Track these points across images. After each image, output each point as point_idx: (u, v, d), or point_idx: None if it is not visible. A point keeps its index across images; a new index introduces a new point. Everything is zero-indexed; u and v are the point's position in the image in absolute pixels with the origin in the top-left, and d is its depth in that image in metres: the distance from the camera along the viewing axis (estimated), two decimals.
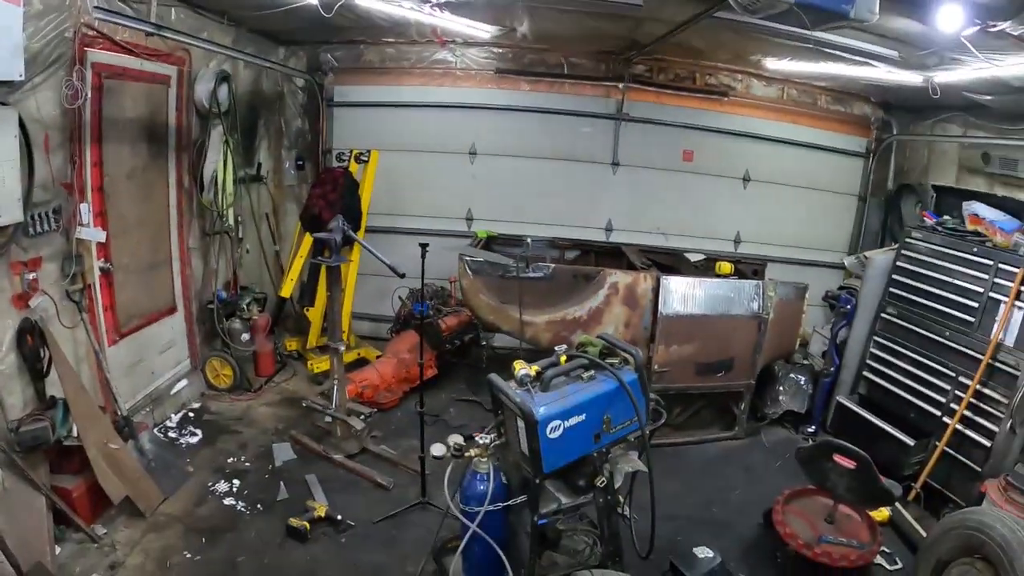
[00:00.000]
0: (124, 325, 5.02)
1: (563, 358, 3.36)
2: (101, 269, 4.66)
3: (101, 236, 4.48)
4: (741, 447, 5.60)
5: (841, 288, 6.45)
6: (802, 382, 6.12)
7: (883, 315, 5.57)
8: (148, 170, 5.20)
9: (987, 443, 4.65)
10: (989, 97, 5.13)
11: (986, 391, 4.70)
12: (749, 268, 6.13)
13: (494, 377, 3.31)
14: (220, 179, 5.79)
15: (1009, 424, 4.52)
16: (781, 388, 6.06)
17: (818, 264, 7.41)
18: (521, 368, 3.20)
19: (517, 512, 3.41)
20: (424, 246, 4.41)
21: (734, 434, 5.69)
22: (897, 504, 4.69)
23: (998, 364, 4.64)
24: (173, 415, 5.59)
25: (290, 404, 6.00)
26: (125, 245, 4.91)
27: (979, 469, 4.64)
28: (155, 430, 5.23)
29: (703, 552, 3.97)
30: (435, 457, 3.39)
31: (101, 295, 4.71)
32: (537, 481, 3.14)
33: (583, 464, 3.36)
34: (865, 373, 5.71)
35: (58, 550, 3.88)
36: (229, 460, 5.15)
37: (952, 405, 4.89)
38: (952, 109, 6.05)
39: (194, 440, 5.36)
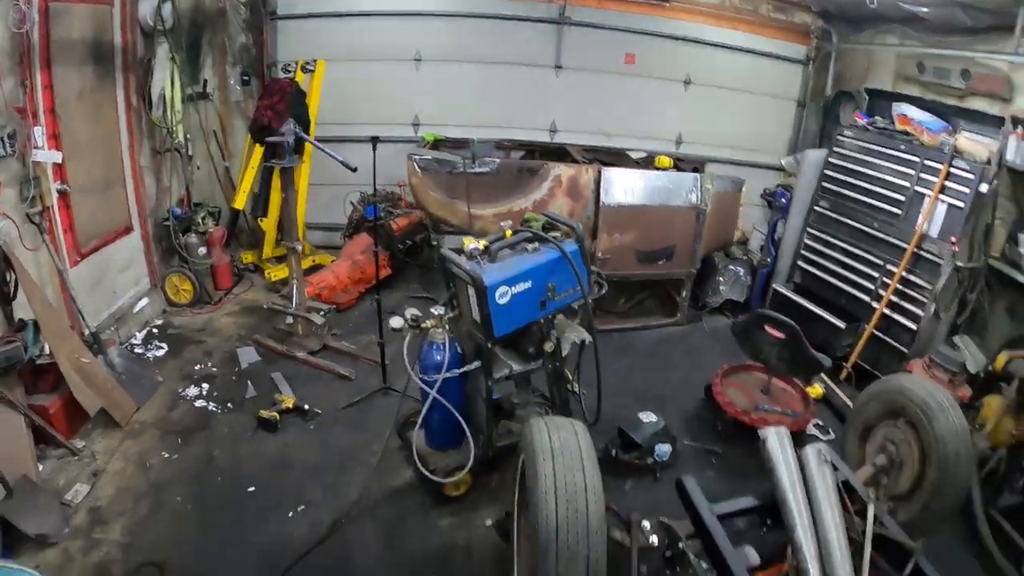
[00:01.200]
0: (84, 245, 5.15)
1: (508, 232, 3.69)
2: (58, 191, 4.73)
3: (57, 157, 4.58)
4: (683, 333, 6.04)
5: (779, 187, 6.85)
6: (741, 274, 6.58)
7: (816, 208, 6.00)
8: (97, 91, 5.26)
9: (913, 326, 5.17)
10: (925, 9, 5.45)
11: (912, 278, 5.20)
12: (689, 166, 6.45)
13: (445, 250, 3.63)
14: (168, 96, 5.89)
15: (933, 309, 5.03)
16: (721, 279, 6.50)
17: (758, 165, 7.75)
18: (471, 243, 3.53)
19: (473, 380, 3.78)
20: (375, 139, 4.59)
21: (676, 320, 6.12)
22: (829, 381, 5.19)
23: (922, 253, 5.12)
24: (137, 332, 5.79)
25: (250, 312, 6.25)
26: (79, 166, 5.00)
27: (905, 350, 5.16)
28: (121, 347, 5.40)
29: (647, 417, 4.39)
30: (393, 329, 3.72)
31: (60, 217, 4.81)
32: (489, 346, 3.50)
33: (531, 332, 3.73)
34: (800, 263, 6.17)
35: (40, 468, 4.08)
36: (196, 367, 5.40)
37: (880, 291, 5.38)
38: (890, 20, 6.36)
39: (160, 353, 5.59)
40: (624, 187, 5.65)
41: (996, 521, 3.85)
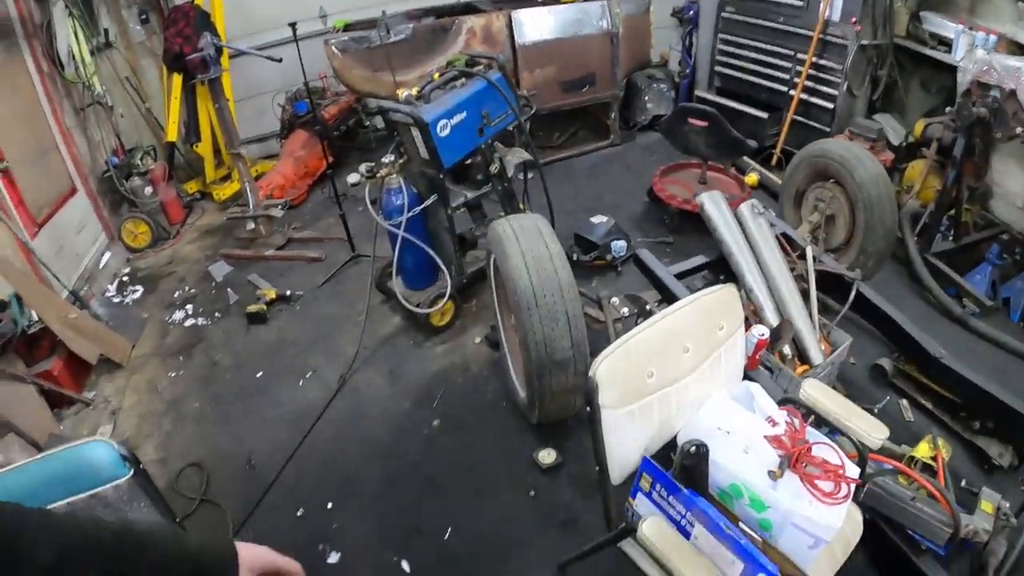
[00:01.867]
0: (38, 216, 5.20)
1: (436, 75, 3.95)
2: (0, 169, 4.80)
3: None
4: (619, 151, 6.38)
5: (687, 1, 7.05)
6: (664, 89, 6.90)
7: (723, 15, 6.20)
8: (7, 65, 5.21)
9: (830, 106, 5.52)
10: None
11: (822, 62, 5.48)
12: None
13: (383, 102, 3.89)
14: (76, 52, 5.85)
15: (846, 86, 5.36)
16: (647, 97, 6.82)
17: None
18: (404, 92, 3.80)
19: (434, 217, 4.08)
20: (293, 24, 4.68)
21: (611, 141, 6.46)
22: (762, 168, 5.56)
23: (828, 38, 5.39)
24: (109, 285, 5.89)
25: (210, 234, 6.41)
26: (11, 143, 5.00)
27: (827, 129, 5.52)
28: (101, 298, 5.63)
29: (598, 219, 4.77)
30: (352, 184, 3.99)
31: (8, 193, 4.84)
32: (441, 177, 3.80)
33: (476, 160, 4.03)
34: (717, 68, 6.44)
35: (61, 428, 4.26)
36: (175, 295, 5.58)
37: (795, 80, 5.66)
38: None
39: (137, 295, 5.72)
40: (536, 25, 5.86)
41: (933, 264, 4.36)
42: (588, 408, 1.81)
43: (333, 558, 3.10)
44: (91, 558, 0.99)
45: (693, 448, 1.72)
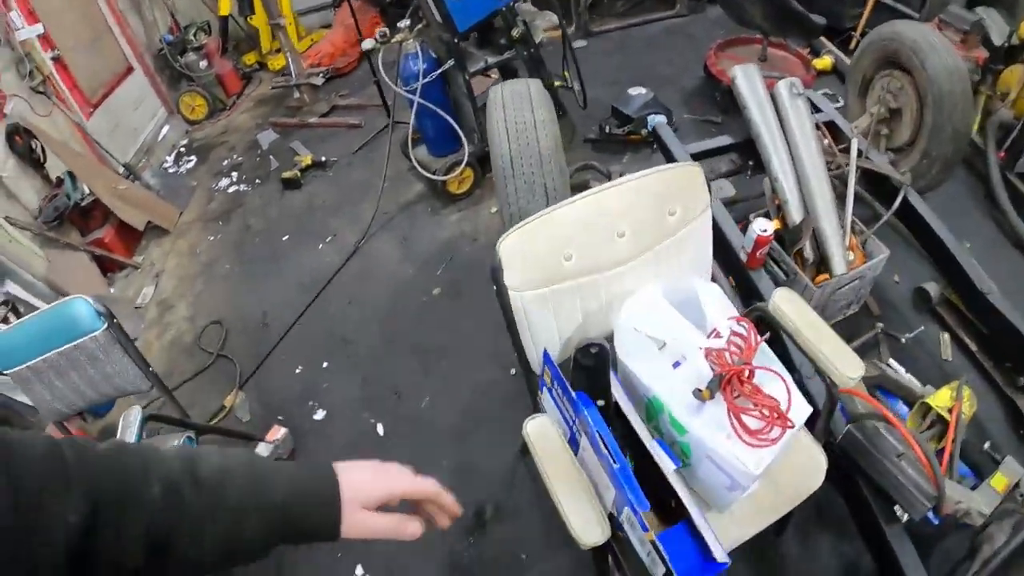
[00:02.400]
0: (92, 97, 5.30)
1: None
2: (52, 58, 4.84)
3: (39, 29, 4.64)
4: (684, 23, 5.78)
5: None
6: None
7: None
8: None
9: None
10: None
11: None
12: None
13: None
14: None
15: None
16: None
17: None
18: None
19: (453, 81, 3.81)
20: None
21: (676, 11, 5.82)
22: (839, 52, 4.87)
23: None
24: (167, 157, 5.99)
25: (263, 104, 6.33)
26: (63, 29, 5.01)
27: (916, 15, 4.74)
28: (155, 169, 5.75)
29: (636, 90, 4.33)
30: (366, 50, 3.74)
31: (62, 80, 4.94)
32: (456, 41, 3.51)
33: (498, 26, 3.70)
34: None
35: (112, 290, 4.56)
36: (224, 163, 5.63)
37: None
38: None
39: (190, 164, 5.81)
40: None
41: (1014, 185, 3.57)
42: (495, 288, 1.60)
43: (319, 415, 3.27)
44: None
45: (594, 349, 1.47)
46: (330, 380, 3.43)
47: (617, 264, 1.67)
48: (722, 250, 2.69)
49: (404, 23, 3.62)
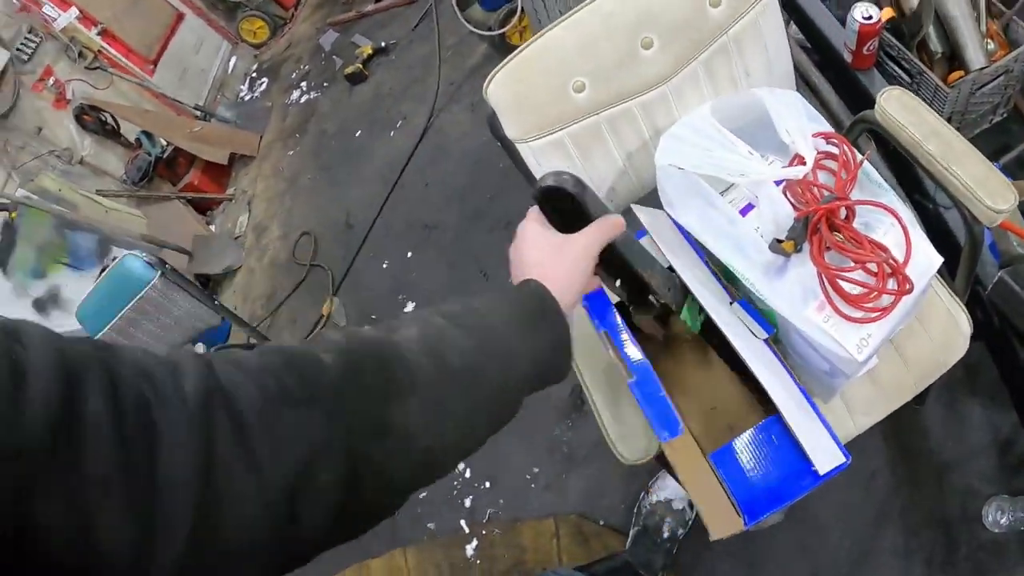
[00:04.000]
0: (150, 55, 5.21)
1: None
2: (97, 33, 4.80)
3: (74, 12, 4.60)
4: None
5: None
6: None
7: None
8: None
9: None
10: None
11: None
12: None
13: None
14: None
15: None
16: None
17: None
18: None
19: None
20: None
21: None
22: None
23: None
24: (241, 86, 5.92)
25: (320, 8, 5.92)
26: (99, 4, 4.90)
27: None
28: (226, 101, 5.71)
29: None
30: None
31: (114, 49, 4.90)
32: None
33: None
34: None
35: (213, 228, 4.71)
36: (292, 76, 5.42)
37: None
38: None
39: (264, 86, 5.69)
40: None
41: None
42: (501, 144, 1.25)
43: (409, 307, 3.20)
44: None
45: (555, 182, 0.85)
46: (417, 270, 3.30)
47: (648, 85, 1.20)
48: (821, 49, 2.10)
49: None
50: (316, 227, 3.93)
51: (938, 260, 1.00)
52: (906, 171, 1.59)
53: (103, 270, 3.66)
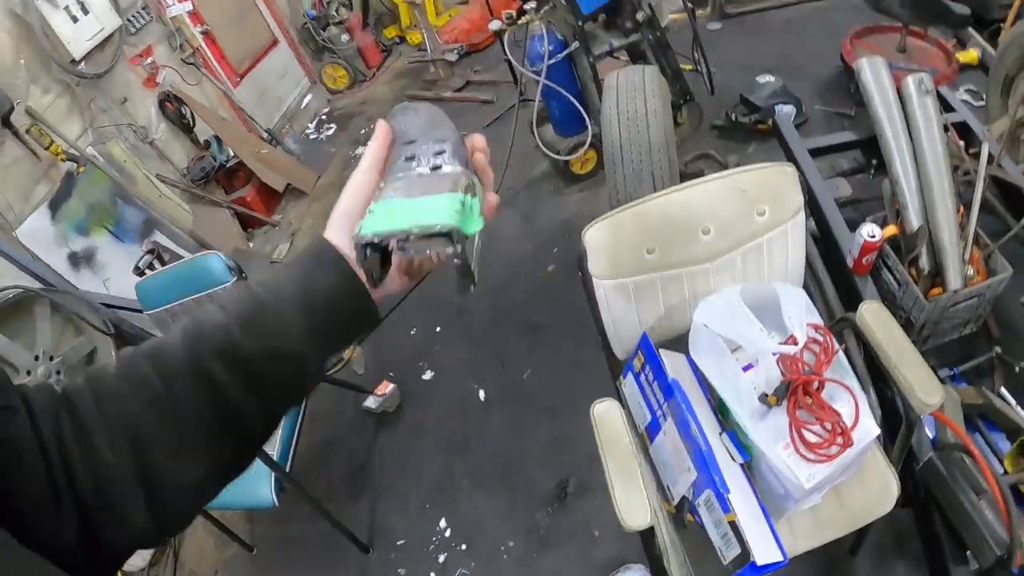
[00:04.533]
0: (239, 68, 5.68)
1: None
2: (201, 32, 5.21)
3: (188, 6, 5.00)
4: (825, 7, 5.41)
5: None
6: None
7: None
8: None
9: None
10: None
11: None
12: None
13: None
14: None
15: None
16: None
17: None
18: None
19: (579, 63, 3.79)
20: None
21: None
22: (987, 45, 4.45)
23: None
24: (310, 124, 6.37)
25: (402, 77, 6.54)
26: (211, 5, 5.36)
27: None
28: (296, 135, 6.10)
29: (764, 78, 4.15)
30: (494, 31, 3.79)
31: (210, 52, 5.34)
32: (580, 23, 3.49)
33: (624, 7, 3.65)
34: None
35: (251, 244, 4.94)
36: (362, 132, 5.91)
37: None
38: None
39: (331, 132, 6.16)
40: None
41: None
42: (580, 274, 1.61)
43: (427, 375, 3.46)
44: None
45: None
46: (442, 344, 3.58)
47: (699, 261, 1.65)
48: (831, 251, 2.58)
49: (530, 5, 3.62)
50: None
51: (875, 431, 1.44)
52: (873, 362, 2.01)
53: (147, 252, 3.82)
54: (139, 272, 3.75)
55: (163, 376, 0.65)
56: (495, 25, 3.71)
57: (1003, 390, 2.50)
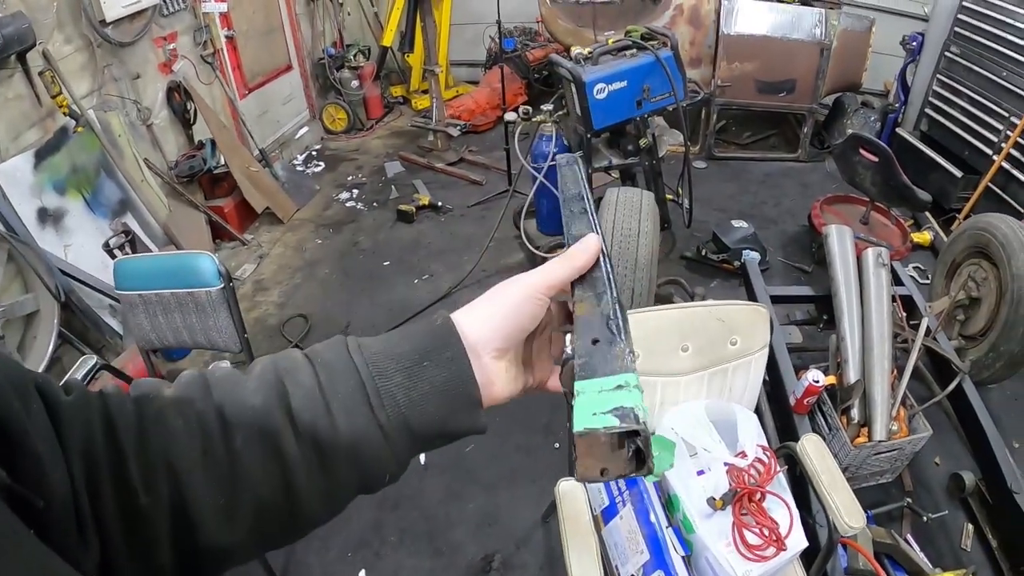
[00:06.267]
0: (251, 81, 5.91)
1: (611, 40, 3.96)
2: (226, 36, 5.44)
3: (223, 7, 5.24)
4: (802, 168, 6.01)
5: (915, 33, 6.44)
6: (871, 119, 6.38)
7: (947, 54, 5.51)
8: None
9: None
10: None
11: None
12: (823, 6, 6.25)
13: (554, 55, 3.97)
14: None
15: None
16: (848, 121, 6.36)
17: (904, 14, 7.13)
18: (576, 49, 3.85)
19: None
20: None
21: (797, 156, 6.07)
22: (940, 231, 4.98)
23: None
24: (299, 155, 6.59)
25: (398, 136, 6.87)
26: (243, 14, 5.65)
27: (1021, 209, 4.84)
28: (285, 163, 6.25)
29: (739, 223, 4.56)
30: (507, 122, 4.13)
31: (229, 57, 5.55)
32: (589, 136, 3.85)
33: (629, 131, 4.03)
34: (927, 110, 5.73)
35: (216, 255, 4.89)
36: (348, 178, 6.15)
37: (1002, 144, 4.86)
38: None
39: (318, 169, 6.38)
40: (745, 16, 5.59)
41: None
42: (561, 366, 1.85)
43: None
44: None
45: None
46: None
47: (675, 374, 1.92)
48: (775, 388, 2.90)
49: (547, 107, 3.98)
50: (314, 316, 4.33)
51: (804, 543, 1.71)
52: (802, 488, 2.29)
53: (122, 231, 3.84)
54: (108, 250, 3.79)
55: (225, 421, 0.60)
56: (511, 116, 4.04)
57: (910, 536, 2.83)
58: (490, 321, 0.68)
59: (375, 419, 0.62)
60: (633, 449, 0.57)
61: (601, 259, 0.72)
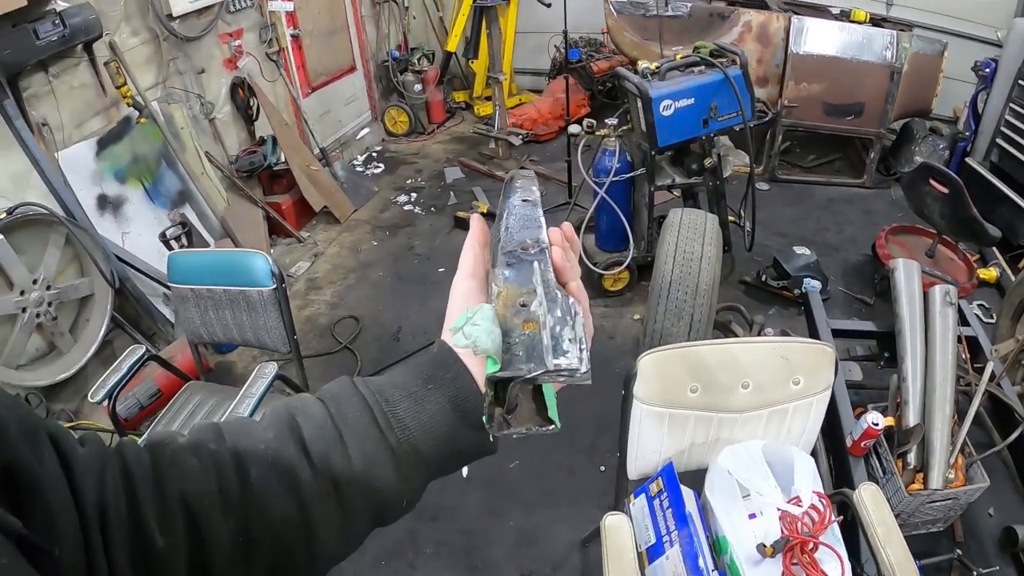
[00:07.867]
0: (314, 80, 5.97)
1: (679, 56, 3.89)
2: (291, 35, 5.50)
3: (289, 7, 5.30)
4: (866, 195, 5.83)
5: (988, 58, 6.20)
6: (940, 146, 6.16)
7: (1021, 82, 5.30)
8: None
9: None
10: None
11: None
12: (894, 28, 6.05)
13: (620, 69, 3.91)
14: None
15: None
16: (916, 148, 6.16)
17: (976, 38, 6.77)
18: (643, 63, 3.79)
19: (639, 187, 4.06)
20: None
21: (862, 182, 5.89)
22: (1007, 268, 4.77)
23: None
24: (359, 156, 6.66)
25: (459, 141, 6.89)
26: (308, 14, 5.71)
27: None
28: (345, 163, 6.31)
29: (801, 250, 4.43)
30: (571, 135, 4.09)
31: (293, 56, 5.61)
32: (653, 154, 3.79)
33: (694, 150, 3.96)
34: (998, 140, 5.52)
35: (272, 251, 5.03)
36: (407, 181, 6.18)
37: None
38: None
39: (378, 171, 6.43)
40: (814, 36, 5.45)
41: None
42: (624, 392, 1.80)
43: None
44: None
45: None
46: None
47: (732, 410, 1.85)
48: (831, 427, 2.78)
49: (612, 121, 3.92)
50: (365, 318, 4.36)
51: None
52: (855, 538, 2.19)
53: (179, 223, 3.97)
54: (164, 240, 3.90)
55: (239, 458, 0.61)
56: (574, 129, 3.99)
57: None
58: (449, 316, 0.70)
59: (386, 442, 0.64)
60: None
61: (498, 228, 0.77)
